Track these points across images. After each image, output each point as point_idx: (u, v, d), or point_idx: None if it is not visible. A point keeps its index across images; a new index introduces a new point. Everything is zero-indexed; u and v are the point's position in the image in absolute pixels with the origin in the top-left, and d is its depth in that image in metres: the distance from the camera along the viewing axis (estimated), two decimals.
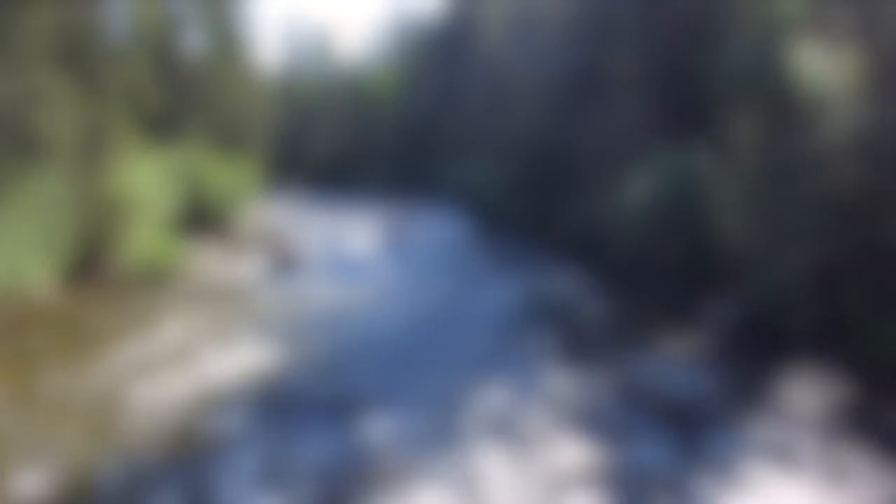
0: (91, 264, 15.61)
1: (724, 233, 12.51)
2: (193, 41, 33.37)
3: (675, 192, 12.15)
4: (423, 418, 7.19)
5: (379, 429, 6.96)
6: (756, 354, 9.30)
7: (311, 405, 7.77)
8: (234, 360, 9.26)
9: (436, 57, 48.50)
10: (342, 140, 63.44)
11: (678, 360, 9.14)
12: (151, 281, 15.02)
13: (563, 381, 8.43)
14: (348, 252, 19.74)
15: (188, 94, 30.37)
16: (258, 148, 42.81)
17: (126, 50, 16.57)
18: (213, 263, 18.00)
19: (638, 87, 18.31)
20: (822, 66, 9.70)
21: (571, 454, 6.24)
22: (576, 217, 17.95)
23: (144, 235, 15.79)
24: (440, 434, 6.72)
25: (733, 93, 12.87)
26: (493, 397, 7.86)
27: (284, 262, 17.36)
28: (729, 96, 13.38)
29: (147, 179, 18.04)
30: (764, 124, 11.97)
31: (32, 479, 5.71)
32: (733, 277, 12.26)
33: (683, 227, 12.26)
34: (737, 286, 11.95)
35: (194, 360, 9.30)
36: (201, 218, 23.41)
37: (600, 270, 15.39)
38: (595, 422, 7.06)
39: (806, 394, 7.68)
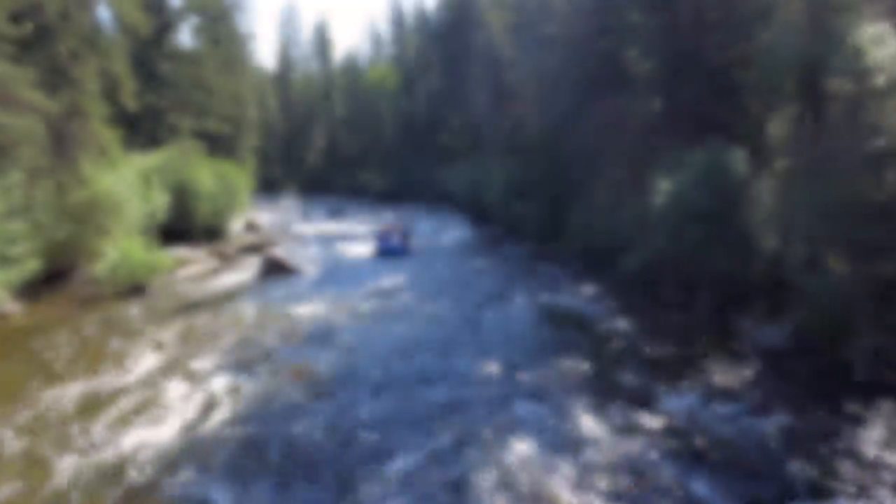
0: (58, 276, 14.18)
1: (765, 240, 11.13)
2: (186, 33, 32.09)
3: (710, 196, 10.72)
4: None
5: None
6: (813, 389, 7.88)
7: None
8: (180, 417, 7.84)
9: (436, 52, 47.11)
10: (340, 139, 62.00)
11: (727, 397, 7.70)
12: (125, 293, 13.59)
13: (593, 436, 7.00)
14: (344, 260, 18.30)
15: (178, 90, 28.94)
16: (253, 147, 41.34)
17: (107, 40, 14.96)
18: (198, 272, 16.57)
19: (657, 82, 16.94)
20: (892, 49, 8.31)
21: None
22: (589, 222, 16.52)
23: (120, 243, 14.36)
24: None
25: (774, 85, 11.49)
26: (509, 470, 6.45)
27: (276, 269, 15.94)
28: (768, 89, 12.00)
29: (126, 183, 16.62)
30: (813, 117, 10.60)
31: None
32: (776, 291, 10.86)
33: (720, 233, 10.84)
34: (781, 302, 10.54)
35: (132, 417, 7.88)
36: (190, 222, 22.01)
37: (621, 282, 13.95)
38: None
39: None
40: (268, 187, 63.77)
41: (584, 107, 17.94)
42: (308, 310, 12.18)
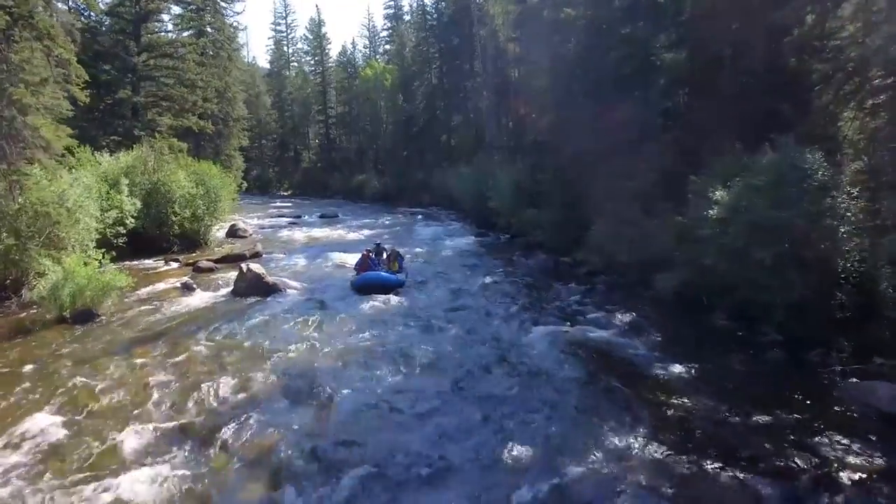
0: None
1: (851, 260, 9.00)
2: (169, 25, 29.60)
3: (783, 207, 8.58)
4: None
5: None
6: None
7: None
8: None
9: (435, 48, 44.91)
10: (336, 138, 59.75)
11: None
12: (71, 318, 11.42)
13: None
14: (333, 275, 16.10)
15: (157, 84, 26.52)
16: (241, 147, 38.81)
17: (47, 19, 12.75)
18: (165, 290, 14.39)
19: (694, 73, 14.79)
20: None
21: None
22: (613, 233, 14.37)
23: (68, 259, 12.20)
24: None
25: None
26: None
27: (254, 287, 13.77)
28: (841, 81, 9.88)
29: (82, 189, 14.44)
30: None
31: None
32: (866, 326, 8.73)
33: (794, 252, 8.71)
34: (877, 341, 8.42)
35: None
36: (164, 230, 19.82)
37: (656, 304, 11.82)
38: None
39: None
40: (261, 188, 61.77)
41: (605, 101, 15.80)
42: (282, 346, 9.96)
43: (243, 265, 14.08)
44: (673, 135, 15.51)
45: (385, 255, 15.29)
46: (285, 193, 58.95)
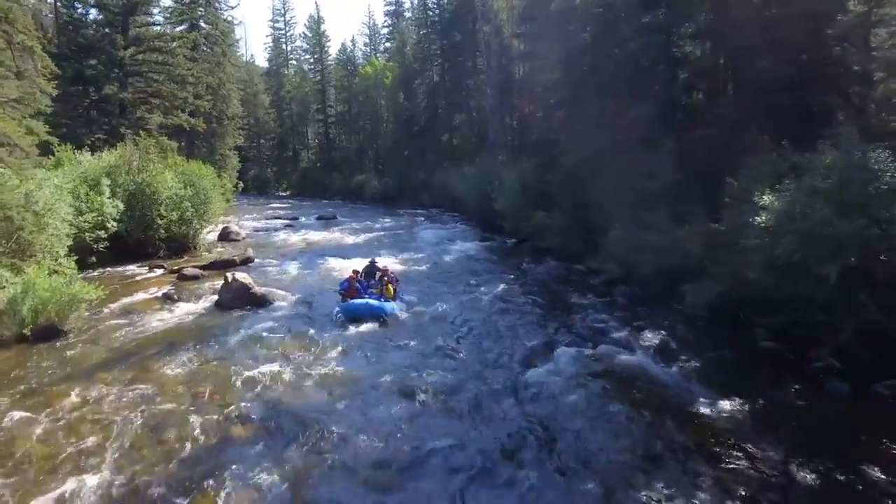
0: None
1: None
2: (160, 18, 28.13)
3: (849, 213, 7.33)
4: None
5: None
6: None
7: None
8: None
9: (437, 44, 43.65)
10: (335, 138, 58.46)
11: None
12: (34, 335, 10.18)
13: None
14: (326, 285, 14.84)
15: (146, 80, 25.14)
16: (236, 146, 37.34)
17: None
18: (144, 301, 13.16)
19: (721, 64, 13.56)
20: None
21: None
22: (633, 239, 13.12)
23: (31, 269, 10.98)
24: None
25: None
26: None
27: (240, 299, 12.53)
28: None
29: (52, 190, 13.20)
30: None
31: None
32: None
33: (865, 267, 7.45)
34: None
35: None
36: (150, 234, 18.57)
37: (689, 320, 10.58)
38: None
39: None
40: (259, 188, 60.51)
41: (622, 96, 14.54)
42: (265, 373, 8.69)
43: (229, 274, 12.84)
44: (700, 132, 14.27)
45: (378, 276, 12.96)
46: (284, 194, 57.70)
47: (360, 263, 14.71)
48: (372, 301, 11.57)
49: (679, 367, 8.70)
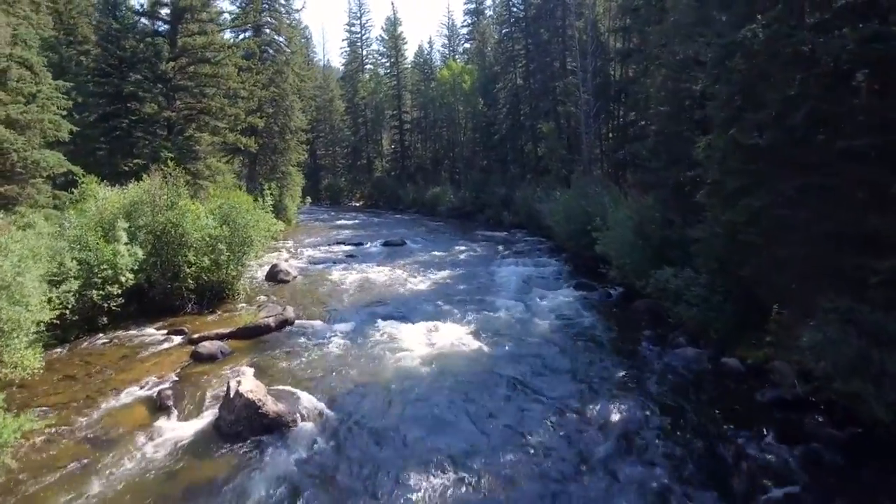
0: None
1: None
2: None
3: None
4: None
5: None
6: None
7: None
8: None
9: (521, 44, 39.04)
10: (411, 146, 55.21)
11: None
12: None
13: None
14: (380, 380, 10.84)
15: (194, 95, 22.23)
16: (300, 162, 34.14)
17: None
18: (118, 411, 9.75)
19: None
20: None
21: None
22: (864, 349, 8.09)
23: None
24: None
25: None
26: None
27: (251, 425, 8.65)
28: None
29: (17, 258, 10.02)
30: None
31: None
32: None
33: None
34: None
35: None
36: (173, 286, 15.35)
37: None
38: None
39: None
40: (332, 198, 58.57)
41: (825, 105, 9.42)
42: None
43: (233, 381, 9.07)
44: None
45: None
46: (357, 204, 55.51)
47: (421, 331, 10.60)
48: None
49: None
